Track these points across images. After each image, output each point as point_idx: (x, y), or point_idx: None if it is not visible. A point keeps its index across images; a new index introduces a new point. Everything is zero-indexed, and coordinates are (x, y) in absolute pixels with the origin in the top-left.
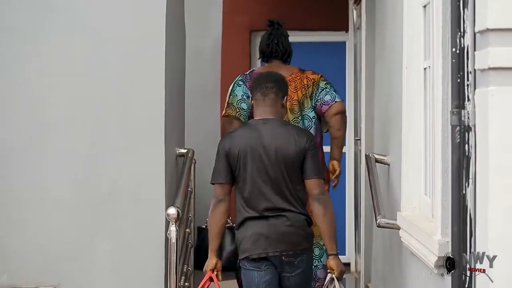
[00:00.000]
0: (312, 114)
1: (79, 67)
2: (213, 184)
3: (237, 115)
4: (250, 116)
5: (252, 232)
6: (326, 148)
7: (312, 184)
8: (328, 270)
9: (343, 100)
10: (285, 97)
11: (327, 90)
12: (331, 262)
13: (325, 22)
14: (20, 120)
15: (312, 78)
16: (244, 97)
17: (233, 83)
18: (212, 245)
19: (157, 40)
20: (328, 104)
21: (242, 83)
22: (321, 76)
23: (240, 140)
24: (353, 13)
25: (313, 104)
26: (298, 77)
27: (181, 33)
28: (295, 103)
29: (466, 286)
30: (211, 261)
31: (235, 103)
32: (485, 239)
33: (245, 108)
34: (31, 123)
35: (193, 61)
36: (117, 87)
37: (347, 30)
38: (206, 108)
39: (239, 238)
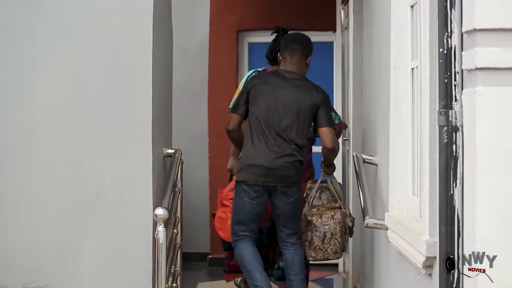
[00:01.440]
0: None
1: (66, 68)
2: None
3: None
4: None
5: (254, 162)
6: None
7: (324, 133)
8: (323, 171)
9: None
10: (309, 57)
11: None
12: (327, 169)
13: (312, 22)
14: (7, 120)
15: None
16: None
17: (248, 76)
18: (234, 153)
19: (144, 41)
20: None
21: None
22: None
23: (265, 79)
24: (340, 13)
25: None
26: None
27: (168, 33)
28: None
29: (454, 286)
30: (235, 161)
31: None
32: (472, 239)
33: None
34: (18, 123)
35: (180, 60)
36: (104, 87)
37: (334, 30)
38: (193, 108)
39: (242, 162)
